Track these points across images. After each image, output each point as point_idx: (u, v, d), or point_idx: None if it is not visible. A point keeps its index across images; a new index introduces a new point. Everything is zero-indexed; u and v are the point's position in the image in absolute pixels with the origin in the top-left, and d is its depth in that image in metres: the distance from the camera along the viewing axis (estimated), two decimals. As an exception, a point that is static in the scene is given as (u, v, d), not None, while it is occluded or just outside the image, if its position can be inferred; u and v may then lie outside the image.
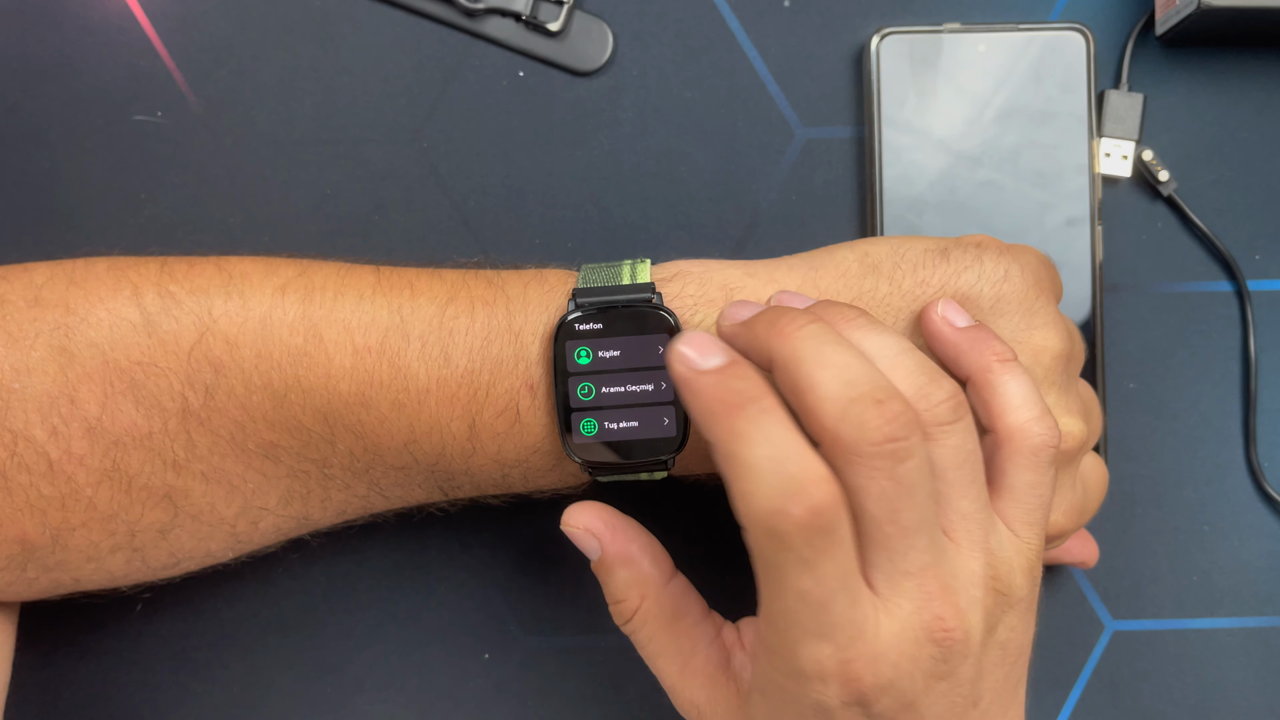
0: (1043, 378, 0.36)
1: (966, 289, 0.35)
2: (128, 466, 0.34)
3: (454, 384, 0.35)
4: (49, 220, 0.43)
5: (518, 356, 0.35)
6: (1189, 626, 0.44)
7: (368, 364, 0.34)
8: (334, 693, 0.43)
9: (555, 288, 0.36)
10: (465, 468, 0.36)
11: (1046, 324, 0.36)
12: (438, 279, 0.36)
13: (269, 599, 0.43)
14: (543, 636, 0.43)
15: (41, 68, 0.44)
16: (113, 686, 0.43)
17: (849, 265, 0.36)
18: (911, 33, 0.43)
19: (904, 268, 0.36)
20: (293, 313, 0.35)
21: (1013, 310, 0.36)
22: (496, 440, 0.35)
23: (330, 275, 0.36)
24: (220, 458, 0.35)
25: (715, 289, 0.36)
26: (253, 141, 0.44)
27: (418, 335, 0.35)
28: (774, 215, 0.45)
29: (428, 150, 0.44)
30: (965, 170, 0.43)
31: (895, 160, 0.43)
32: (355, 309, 0.35)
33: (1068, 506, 0.37)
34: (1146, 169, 0.44)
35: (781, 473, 0.28)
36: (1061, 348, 0.36)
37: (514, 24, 0.44)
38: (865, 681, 0.30)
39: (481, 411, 0.35)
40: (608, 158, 0.44)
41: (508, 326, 0.35)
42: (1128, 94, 0.44)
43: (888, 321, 0.36)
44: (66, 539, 0.34)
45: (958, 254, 0.36)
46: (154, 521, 0.35)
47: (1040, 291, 0.36)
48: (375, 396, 0.35)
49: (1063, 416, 0.36)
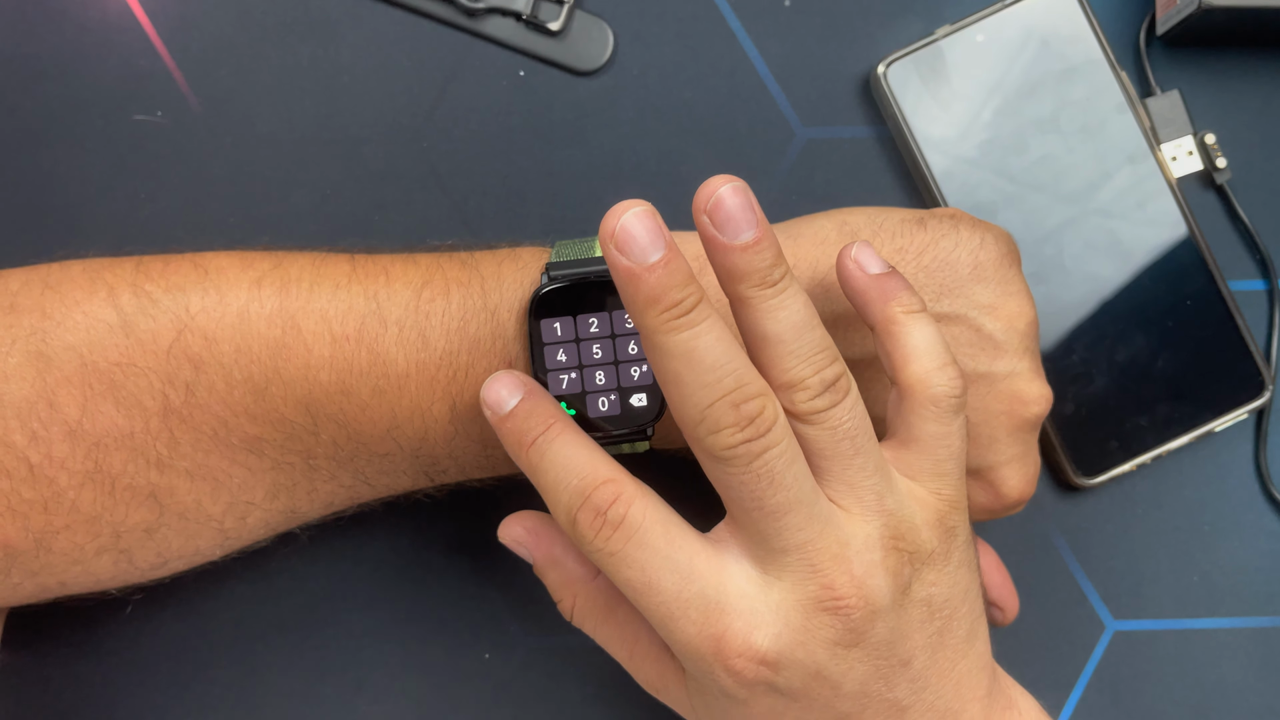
0: (1018, 344, 0.36)
1: (945, 255, 0.36)
2: (110, 467, 0.34)
3: (433, 367, 0.35)
4: (49, 220, 0.43)
5: (495, 335, 0.35)
6: (1189, 626, 0.44)
7: (346, 352, 0.35)
8: (334, 693, 0.43)
9: (529, 264, 0.36)
10: (449, 450, 0.36)
11: (1020, 291, 0.37)
12: (412, 263, 0.36)
13: (269, 599, 0.43)
14: (543, 636, 0.43)
15: (41, 68, 0.44)
16: (112, 687, 0.43)
17: (827, 234, 0.37)
18: (912, 52, 0.44)
19: (882, 236, 0.37)
20: (269, 305, 0.35)
21: (989, 277, 0.36)
22: (478, 422, 0.36)
23: (305, 266, 0.36)
24: (204, 454, 0.35)
25: (689, 259, 0.36)
26: (253, 141, 0.44)
27: (394, 320, 0.35)
28: (774, 215, 0.44)
29: (428, 150, 0.44)
30: (1016, 156, 0.44)
31: (949, 176, 0.43)
32: (331, 298, 0.35)
33: (1030, 470, 0.38)
34: (1208, 154, 0.44)
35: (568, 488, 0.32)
36: (1033, 314, 0.37)
37: (514, 23, 0.44)
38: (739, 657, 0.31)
39: (462, 393, 0.35)
40: (608, 158, 0.44)
41: (483, 305, 0.35)
42: (1162, 95, 0.44)
43: None
44: (50, 542, 0.34)
45: (934, 223, 0.37)
46: (139, 521, 0.35)
47: (1012, 261, 0.37)
48: (355, 384, 0.35)
49: (1034, 381, 0.36)
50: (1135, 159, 0.44)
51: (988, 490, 0.38)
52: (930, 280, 0.36)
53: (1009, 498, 0.38)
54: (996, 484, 0.37)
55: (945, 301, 0.36)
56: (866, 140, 0.45)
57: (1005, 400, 0.36)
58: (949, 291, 0.36)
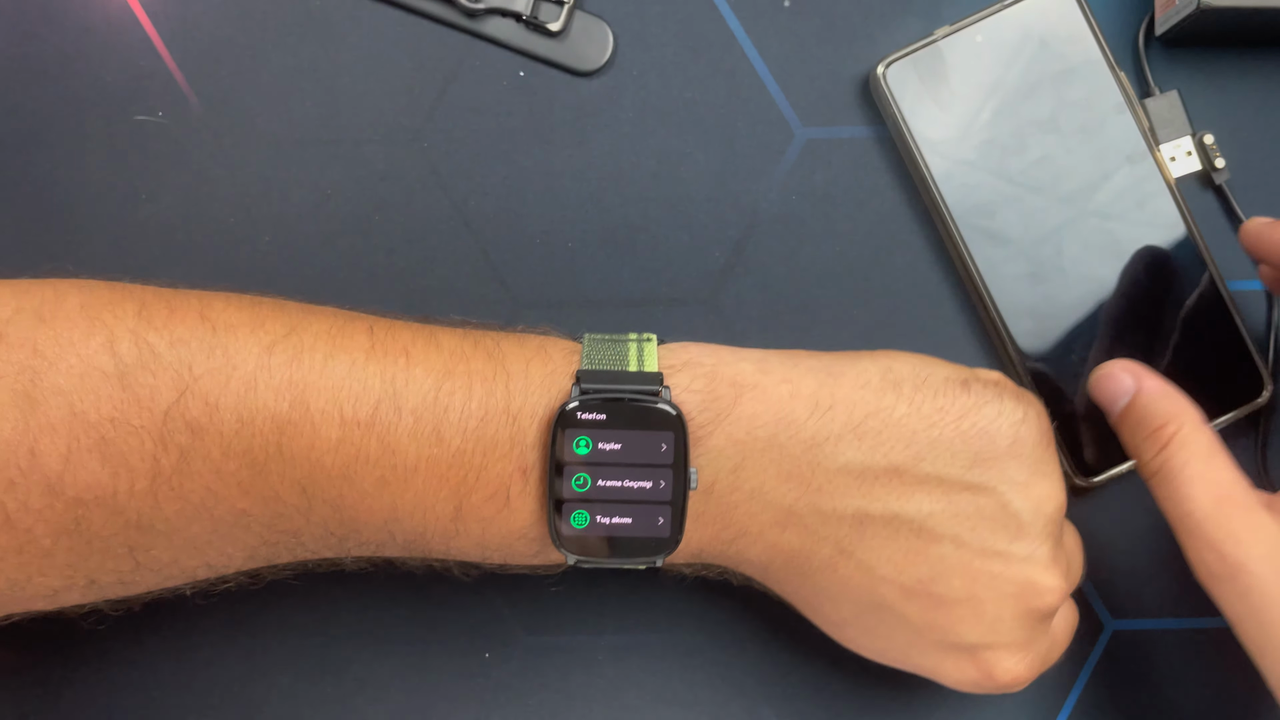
0: (1042, 528, 0.35)
1: (986, 424, 0.35)
2: (90, 524, 0.32)
3: (444, 464, 0.33)
4: (49, 220, 0.43)
5: (513, 440, 0.33)
6: (1189, 626, 0.44)
7: (355, 437, 0.33)
8: (334, 693, 0.43)
9: (559, 367, 0.35)
10: (444, 548, 0.35)
11: (1054, 474, 0.36)
12: (434, 346, 0.34)
13: (269, 599, 0.43)
14: (543, 636, 0.43)
15: (42, 68, 0.44)
16: (113, 687, 0.42)
17: (870, 377, 0.35)
18: (911, 53, 0.44)
19: (924, 392, 0.35)
20: (279, 376, 0.32)
21: (1026, 455, 0.35)
22: (482, 524, 0.34)
23: (321, 334, 0.34)
24: (187, 522, 0.33)
25: (725, 385, 0.35)
26: (253, 141, 0.44)
27: (410, 410, 0.33)
28: (774, 215, 0.45)
29: (428, 150, 0.44)
30: (1015, 158, 0.44)
31: (948, 178, 0.43)
32: (347, 376, 0.33)
33: (1032, 659, 0.36)
34: (1207, 154, 0.44)
35: None
36: (1062, 500, 0.36)
37: (514, 24, 0.44)
38: None
39: (470, 494, 0.34)
40: (608, 158, 0.44)
41: (506, 408, 0.34)
42: (1160, 96, 0.44)
43: (899, 444, 0.34)
44: (23, 585, 0.33)
45: (978, 388, 0.36)
46: (114, 570, 0.33)
47: (1050, 442, 0.36)
48: (360, 472, 0.33)
49: (1049, 570, 0.35)
50: (1134, 159, 0.44)
51: (980, 667, 0.36)
52: (966, 447, 0.35)
53: (999, 679, 0.36)
54: (990, 664, 0.36)
55: (977, 471, 0.35)
56: (866, 140, 0.45)
57: (1017, 584, 0.35)
58: (982, 462, 0.35)
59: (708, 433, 0.34)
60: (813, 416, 0.34)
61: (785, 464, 0.34)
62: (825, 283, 0.45)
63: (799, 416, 0.34)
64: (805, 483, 0.34)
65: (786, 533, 0.35)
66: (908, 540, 0.35)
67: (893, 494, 0.35)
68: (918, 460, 0.34)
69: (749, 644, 0.44)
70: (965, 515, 0.34)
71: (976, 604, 0.35)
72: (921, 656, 0.37)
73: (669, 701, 0.43)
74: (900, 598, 0.35)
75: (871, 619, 0.36)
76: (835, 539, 0.35)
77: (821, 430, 0.34)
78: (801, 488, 0.35)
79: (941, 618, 0.35)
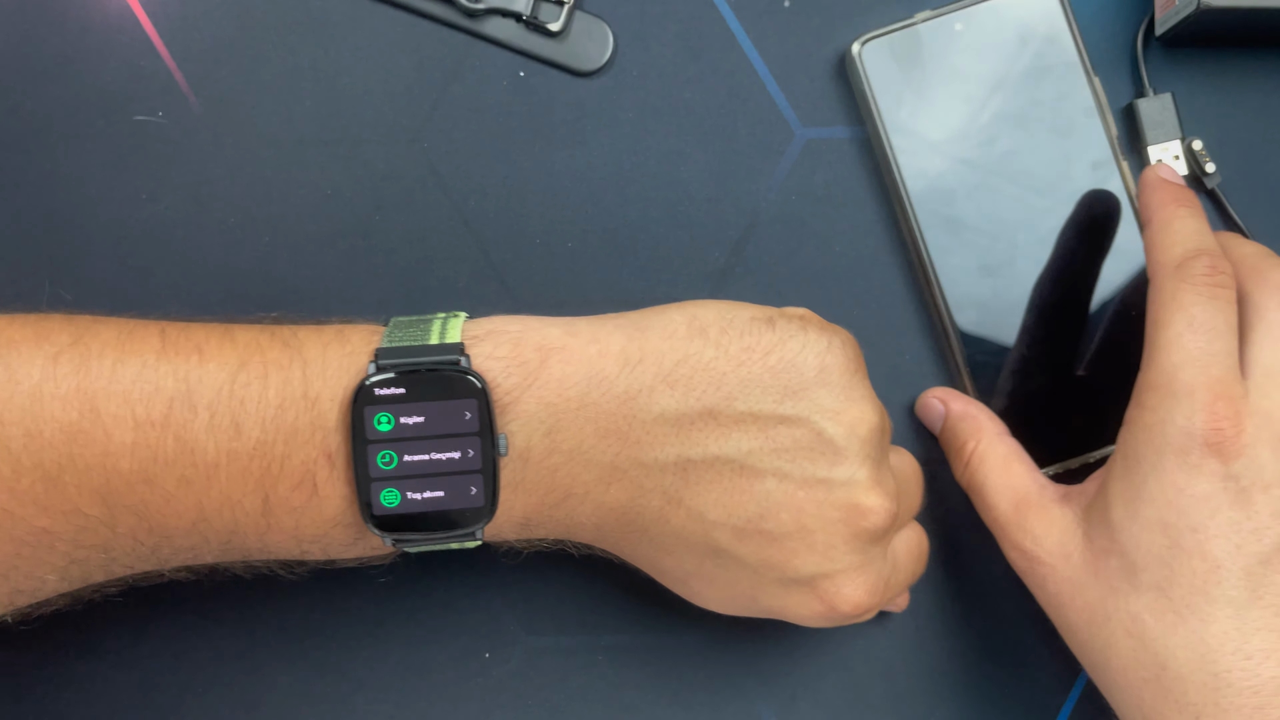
0: (859, 450, 0.36)
1: (791, 357, 0.35)
2: None
3: (246, 456, 0.32)
4: (49, 220, 0.43)
5: (314, 425, 0.33)
6: (1188, 626, 0.44)
7: (151, 438, 0.32)
8: (334, 693, 0.43)
9: (358, 348, 0.34)
10: (260, 544, 0.34)
11: (864, 398, 0.36)
12: (229, 341, 0.34)
13: (269, 599, 0.43)
14: (543, 636, 0.43)
15: (42, 68, 0.44)
16: (113, 686, 0.43)
17: (676, 327, 0.36)
18: (889, 33, 0.44)
19: (730, 333, 0.36)
20: (66, 385, 0.32)
21: (834, 382, 0.36)
22: (293, 515, 0.34)
23: (110, 340, 0.33)
24: None
25: (530, 350, 0.35)
26: (253, 141, 0.44)
27: (206, 405, 0.32)
28: (774, 215, 0.45)
29: (428, 150, 0.44)
30: (981, 149, 0.44)
31: (911, 160, 0.44)
32: (137, 377, 0.32)
33: (872, 582, 0.37)
34: (1196, 160, 0.44)
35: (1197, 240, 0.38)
36: (877, 421, 0.36)
37: (514, 24, 0.44)
38: (1227, 422, 0.35)
39: (276, 485, 0.33)
40: (607, 158, 0.45)
41: (304, 393, 0.33)
42: (1155, 97, 0.44)
43: (710, 387, 0.35)
44: None
45: (782, 323, 0.36)
46: None
47: (859, 367, 0.37)
48: (159, 473, 0.32)
49: (872, 491, 0.36)
50: (1099, 166, 0.44)
51: (822, 598, 0.36)
52: (775, 381, 0.35)
53: (841, 609, 0.36)
54: (830, 593, 0.36)
55: (788, 404, 0.35)
56: (866, 141, 0.45)
57: (842, 508, 0.35)
58: (793, 394, 0.35)
59: (515, 398, 0.34)
60: (623, 371, 0.35)
61: (601, 421, 0.35)
62: (825, 283, 0.45)
63: (610, 373, 0.35)
64: (624, 437, 0.35)
65: (613, 489, 0.35)
66: (732, 480, 0.35)
67: (711, 437, 0.35)
68: (730, 400, 0.35)
69: (748, 644, 0.44)
70: (783, 448, 0.35)
71: (806, 534, 0.35)
72: (768, 598, 0.37)
73: (669, 701, 0.43)
74: (733, 539, 0.36)
75: (711, 566, 0.37)
76: (662, 489, 0.35)
77: (634, 384, 0.35)
78: (621, 442, 0.35)
79: (776, 553, 0.36)
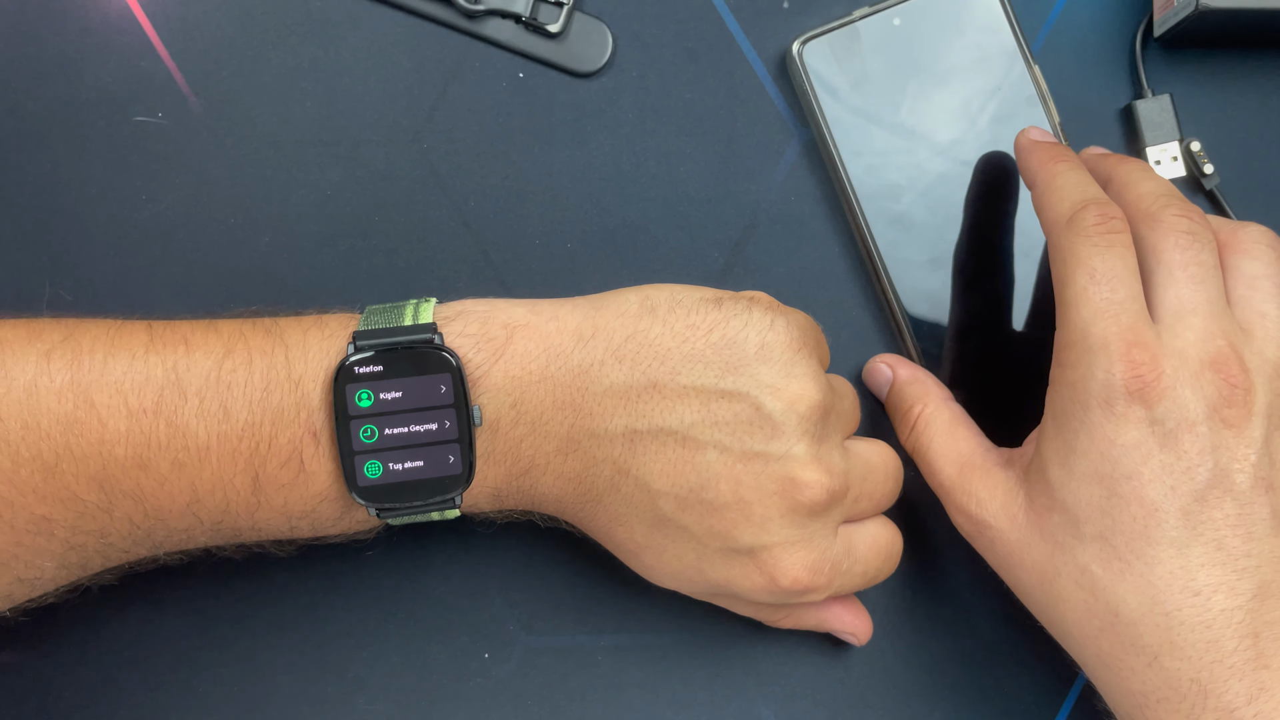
0: (796, 425, 0.36)
1: (733, 334, 0.37)
2: None
3: (235, 438, 0.34)
4: (49, 220, 0.43)
5: (299, 404, 0.35)
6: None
7: (144, 425, 0.34)
8: (334, 693, 0.43)
9: (336, 332, 0.36)
10: (251, 523, 0.36)
11: (806, 375, 0.37)
12: (213, 332, 0.36)
13: (269, 599, 0.43)
14: (543, 636, 0.43)
15: (42, 68, 0.44)
16: (113, 686, 0.42)
17: (629, 306, 0.38)
18: (828, 31, 0.44)
19: (678, 312, 0.37)
20: (60, 379, 0.33)
21: (775, 358, 0.37)
22: (282, 492, 0.35)
23: (99, 336, 0.35)
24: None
25: (497, 328, 0.37)
26: (253, 142, 0.44)
27: (195, 391, 0.34)
28: (773, 215, 0.45)
29: (428, 151, 0.44)
30: (925, 143, 0.44)
31: (856, 158, 0.44)
32: (127, 369, 0.34)
33: (813, 559, 0.37)
34: (1194, 160, 0.44)
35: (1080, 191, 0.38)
36: (818, 399, 0.37)
37: (514, 25, 0.44)
38: (1145, 369, 0.35)
39: (265, 464, 0.35)
40: (608, 158, 0.45)
41: (287, 375, 0.35)
42: (1153, 99, 0.45)
43: (655, 361, 0.36)
44: None
45: (729, 304, 0.37)
46: None
47: (804, 346, 0.37)
48: (154, 458, 0.34)
49: (809, 466, 0.36)
50: None
51: (762, 570, 0.37)
52: (716, 357, 0.36)
53: (780, 582, 0.37)
54: (770, 565, 0.37)
55: (729, 379, 0.36)
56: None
57: (778, 480, 0.36)
58: (733, 369, 0.36)
59: (484, 372, 0.36)
60: (578, 346, 0.37)
61: (558, 393, 0.36)
62: (825, 283, 0.45)
63: (566, 347, 0.37)
64: (577, 408, 0.36)
65: (569, 460, 0.37)
66: (675, 451, 0.36)
67: (656, 408, 0.36)
68: (674, 374, 0.36)
69: (748, 644, 0.44)
70: (724, 421, 0.36)
71: (744, 506, 0.36)
72: (712, 569, 0.38)
73: (668, 701, 0.43)
74: (677, 509, 0.37)
75: (660, 538, 0.38)
76: (612, 459, 0.37)
77: (587, 358, 0.37)
78: (575, 413, 0.37)
79: (717, 523, 0.37)
